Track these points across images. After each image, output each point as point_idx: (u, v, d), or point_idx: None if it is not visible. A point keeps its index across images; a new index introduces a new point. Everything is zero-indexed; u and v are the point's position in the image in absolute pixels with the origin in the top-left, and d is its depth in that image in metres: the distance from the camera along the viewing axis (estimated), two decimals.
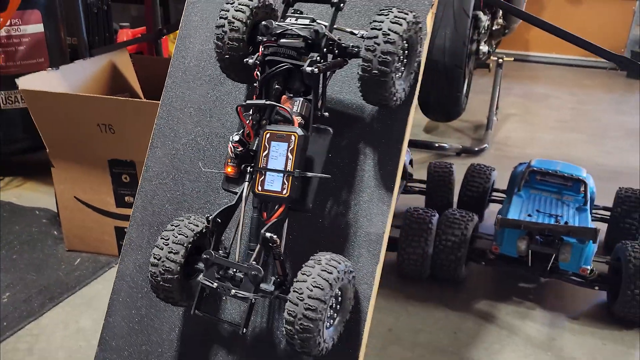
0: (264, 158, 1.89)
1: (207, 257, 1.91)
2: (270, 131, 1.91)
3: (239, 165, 1.95)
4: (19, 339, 3.10)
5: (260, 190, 1.90)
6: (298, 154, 1.84)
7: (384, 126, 2.24)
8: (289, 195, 1.85)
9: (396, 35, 1.89)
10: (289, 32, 2.00)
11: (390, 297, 3.53)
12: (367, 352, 3.04)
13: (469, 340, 3.18)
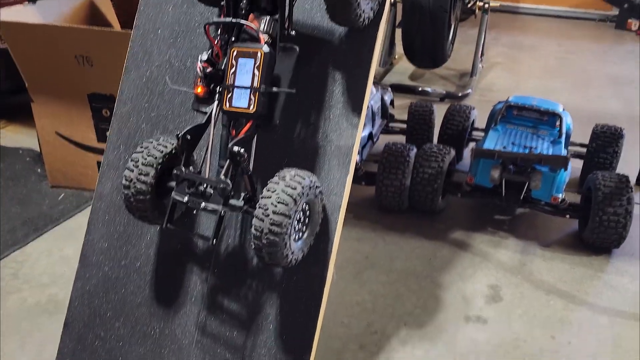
0: (232, 75, 1.92)
1: (177, 173, 1.96)
2: (237, 48, 1.93)
3: (208, 85, 1.97)
4: (4, 264, 3.18)
5: (228, 107, 1.93)
6: (264, 70, 1.87)
7: (353, 47, 2.27)
8: (256, 110, 1.88)
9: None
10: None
11: (368, 228, 3.62)
12: (343, 276, 3.16)
13: (443, 266, 3.28)
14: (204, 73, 1.95)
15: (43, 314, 2.82)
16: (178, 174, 1.94)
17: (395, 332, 2.77)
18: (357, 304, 2.96)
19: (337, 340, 2.71)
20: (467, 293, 3.06)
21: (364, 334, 2.76)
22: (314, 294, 2.16)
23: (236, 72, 1.90)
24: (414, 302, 2.98)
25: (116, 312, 2.43)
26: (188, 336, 2.32)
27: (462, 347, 2.69)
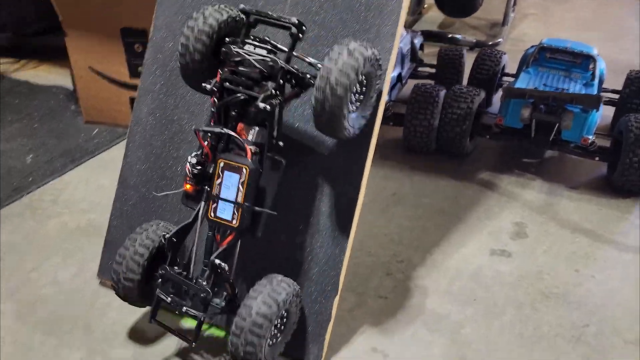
0: (218, 186, 1.95)
1: (163, 273, 2.06)
2: (224, 160, 1.95)
3: (197, 184, 2.02)
4: (44, 192, 3.31)
5: (212, 217, 1.97)
6: (249, 187, 1.90)
7: None
8: (239, 225, 1.93)
9: (351, 70, 1.81)
10: (247, 62, 1.98)
11: (395, 168, 3.65)
12: (370, 211, 3.22)
13: (468, 204, 3.32)
14: (192, 173, 1.99)
15: (83, 237, 2.95)
16: (163, 273, 2.06)
17: (421, 261, 2.84)
18: (384, 235, 3.03)
19: (364, 267, 2.79)
20: (492, 229, 3.10)
21: (391, 262, 2.83)
22: (345, 214, 2.23)
23: (222, 183, 1.94)
24: (439, 236, 3.03)
25: None
26: None
27: (487, 278, 2.75)
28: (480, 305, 2.58)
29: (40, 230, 2.98)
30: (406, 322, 2.48)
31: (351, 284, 2.66)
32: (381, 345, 2.36)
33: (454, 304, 2.58)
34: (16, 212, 3.12)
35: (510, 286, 2.70)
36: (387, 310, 2.53)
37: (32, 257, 2.78)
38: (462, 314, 2.53)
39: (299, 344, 2.25)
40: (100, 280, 2.62)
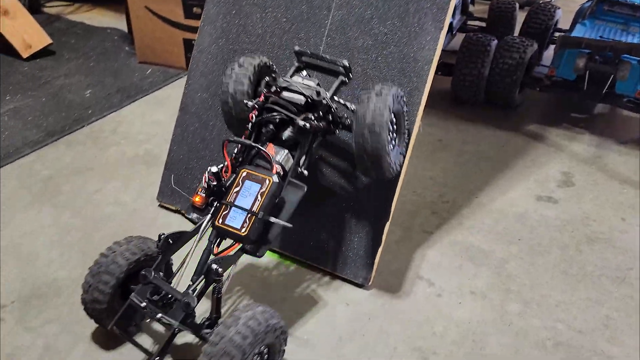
0: (234, 194, 1.87)
1: (145, 275, 1.84)
2: (247, 170, 1.90)
3: (207, 197, 1.91)
4: (104, 123, 3.46)
5: (220, 224, 1.85)
6: (268, 198, 1.82)
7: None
8: (247, 235, 1.80)
9: (384, 107, 1.88)
10: (293, 88, 2.03)
11: (441, 117, 3.68)
12: (416, 155, 3.27)
13: (515, 152, 3.33)
14: (207, 184, 1.91)
15: (141, 164, 3.09)
16: (146, 275, 1.84)
17: (466, 203, 2.89)
18: (430, 178, 3.08)
19: (411, 205, 2.86)
20: (539, 177, 3.11)
21: (436, 202, 2.89)
22: None
23: (240, 192, 1.87)
24: (485, 180, 3.07)
25: (212, 155, 2.63)
26: None
27: (532, 220, 2.79)
28: (524, 244, 2.63)
29: (102, 157, 3.13)
30: (451, 255, 2.55)
31: (398, 220, 2.74)
32: (427, 274, 2.44)
33: (499, 243, 2.64)
34: (79, 140, 3.28)
35: (556, 229, 2.73)
36: (433, 244, 2.61)
37: (95, 180, 2.94)
38: (506, 251, 2.59)
39: (349, 266, 2.35)
40: (159, 202, 2.76)
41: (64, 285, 2.30)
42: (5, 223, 2.62)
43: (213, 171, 1.90)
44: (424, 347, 2.11)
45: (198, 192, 1.92)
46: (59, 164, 3.06)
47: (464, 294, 2.35)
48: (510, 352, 2.10)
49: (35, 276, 2.34)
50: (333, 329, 2.15)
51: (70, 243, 2.52)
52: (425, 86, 2.26)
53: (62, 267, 2.39)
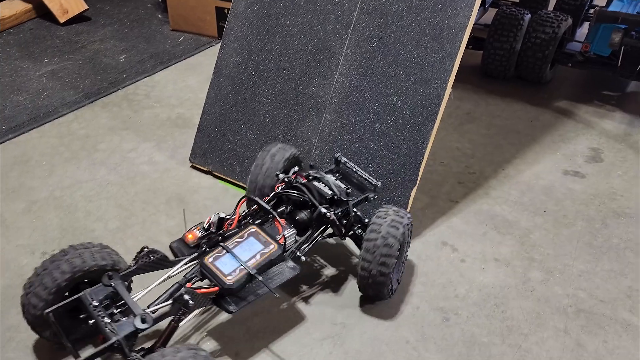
0: (235, 242, 1.89)
1: (111, 276, 1.75)
2: (257, 228, 1.94)
3: (201, 238, 1.90)
4: (138, 87, 3.54)
5: (208, 262, 1.83)
6: (266, 260, 1.85)
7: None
8: (231, 284, 1.77)
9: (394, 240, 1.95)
10: (324, 181, 2.12)
11: (470, 90, 3.67)
12: (444, 127, 3.28)
13: (544, 127, 3.32)
14: (207, 226, 1.92)
15: (174, 127, 3.17)
16: (111, 276, 1.74)
17: (493, 174, 2.91)
18: (457, 149, 3.10)
19: (437, 175, 2.89)
20: (567, 152, 3.11)
21: (463, 173, 2.92)
22: (430, 109, 2.32)
23: (241, 243, 1.89)
24: (512, 153, 3.08)
25: (245, 118, 2.70)
26: (308, 143, 2.57)
27: (558, 193, 2.80)
28: (549, 216, 2.65)
29: (136, 119, 3.22)
30: (476, 223, 2.58)
31: (424, 188, 2.77)
32: (451, 240, 2.48)
33: (524, 213, 2.66)
34: (115, 102, 3.37)
35: (582, 202, 2.74)
36: (458, 213, 2.64)
37: (130, 140, 3.03)
38: (531, 221, 2.61)
39: None
40: (191, 163, 2.85)
41: (101, 235, 2.40)
42: (46, 177, 2.74)
43: (220, 216, 1.93)
44: (446, 307, 2.16)
45: (193, 230, 1.92)
46: (96, 124, 3.16)
47: (487, 260, 2.39)
48: (532, 316, 2.14)
49: (74, 227, 2.45)
50: (356, 288, 2.22)
51: (107, 197, 2.63)
52: (458, 53, 2.27)
53: (100, 219, 2.49)
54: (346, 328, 2.05)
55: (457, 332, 2.06)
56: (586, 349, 2.02)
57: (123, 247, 2.33)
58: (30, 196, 2.61)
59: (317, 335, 2.02)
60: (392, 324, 2.08)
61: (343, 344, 1.99)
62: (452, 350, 1.99)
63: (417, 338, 2.03)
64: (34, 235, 2.39)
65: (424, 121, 2.32)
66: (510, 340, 2.04)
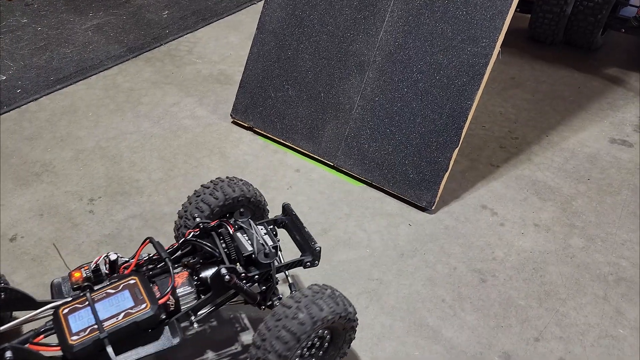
0: (104, 294, 1.53)
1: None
2: (137, 280, 1.56)
3: (87, 279, 1.59)
4: (180, 43, 3.57)
5: (62, 314, 1.48)
6: (128, 323, 1.46)
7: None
8: (72, 346, 1.40)
9: None
10: (248, 234, 1.69)
11: (515, 55, 3.57)
12: (487, 91, 3.21)
13: (592, 94, 3.22)
14: (95, 267, 1.61)
15: (215, 83, 3.19)
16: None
17: (536, 140, 2.85)
18: (500, 113, 3.04)
19: (478, 139, 2.85)
20: (615, 120, 3.01)
21: (505, 137, 2.87)
22: (477, 69, 2.27)
23: (111, 296, 1.52)
24: (557, 119, 3.00)
25: (287, 75, 2.70)
26: (349, 101, 2.56)
27: (604, 161, 2.73)
28: (593, 184, 2.59)
29: (178, 74, 3.26)
30: (516, 188, 2.55)
31: (464, 151, 2.74)
32: (491, 204, 2.46)
33: (567, 180, 2.61)
34: (158, 57, 3.41)
35: (629, 171, 2.67)
36: (499, 177, 2.61)
37: (172, 95, 3.07)
38: (574, 189, 2.56)
39: (414, 189, 2.40)
40: (232, 119, 2.87)
41: (144, 185, 2.47)
42: (92, 127, 2.81)
43: (111, 258, 1.62)
44: (484, 269, 2.16)
45: (82, 268, 1.61)
46: (139, 78, 3.21)
47: (527, 225, 2.36)
48: (570, 282, 2.12)
49: (119, 176, 2.52)
50: (395, 245, 2.23)
51: (150, 149, 2.68)
52: (509, 11, 2.20)
53: (143, 170, 2.56)
54: (382, 284, 2.07)
55: (493, 294, 2.06)
56: (626, 316, 2.00)
57: (166, 197, 2.39)
58: (78, 145, 2.68)
59: (354, 290, 2.05)
60: (429, 283, 2.09)
61: (379, 299, 2.02)
62: (488, 310, 2.00)
63: (454, 297, 2.04)
64: (81, 183, 2.47)
65: (470, 81, 2.27)
66: (547, 304, 2.03)
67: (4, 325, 1.55)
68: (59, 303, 1.53)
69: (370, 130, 2.49)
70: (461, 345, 1.87)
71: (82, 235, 2.20)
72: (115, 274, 1.62)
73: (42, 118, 2.85)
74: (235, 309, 1.94)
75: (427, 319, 1.95)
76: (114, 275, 1.62)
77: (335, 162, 2.58)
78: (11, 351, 1.38)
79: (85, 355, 1.42)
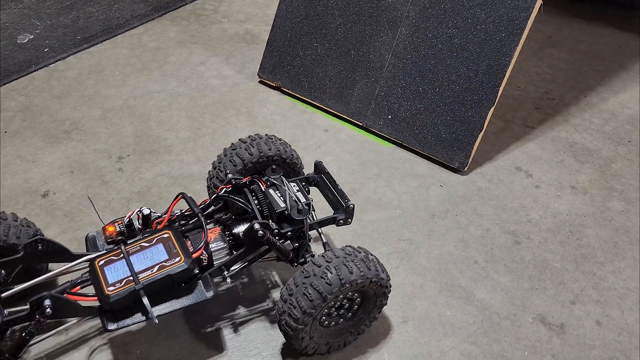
0: (138, 247, 1.53)
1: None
2: (171, 234, 1.56)
3: (121, 234, 1.58)
4: (205, 2, 3.50)
5: (98, 265, 1.49)
6: (163, 275, 1.46)
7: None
8: (109, 296, 1.42)
9: None
10: (280, 191, 1.65)
11: (553, 13, 3.42)
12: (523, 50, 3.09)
13: (633, 54, 3.07)
14: (129, 222, 1.60)
15: (242, 42, 3.14)
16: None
17: (573, 101, 2.74)
18: (536, 74, 2.93)
19: (513, 99, 2.75)
20: None
21: (541, 98, 2.76)
22: (517, 23, 2.16)
23: (145, 249, 1.52)
24: (597, 80, 2.88)
25: (316, 32, 2.62)
26: (381, 60, 2.48)
27: None
28: (634, 146, 2.49)
29: (204, 33, 3.20)
30: (553, 150, 2.46)
31: (498, 112, 2.65)
32: (525, 166, 2.39)
33: (606, 142, 2.51)
34: (183, 16, 3.35)
35: None
36: (534, 138, 2.53)
37: (199, 54, 3.03)
38: (614, 151, 2.46)
39: (447, 149, 2.34)
40: (259, 78, 2.82)
41: (172, 144, 2.45)
42: (119, 86, 2.79)
43: (144, 213, 1.61)
44: (518, 231, 2.11)
45: (115, 223, 1.61)
46: (165, 37, 3.16)
47: (563, 187, 2.29)
48: (608, 245, 2.06)
49: (147, 135, 2.51)
50: (427, 206, 2.19)
51: (178, 108, 2.66)
52: None
53: (171, 129, 2.54)
54: (413, 244, 2.04)
55: (528, 256, 2.01)
56: None
57: (194, 156, 2.38)
58: (106, 104, 2.67)
59: (384, 250, 2.02)
60: (461, 244, 2.05)
61: (410, 259, 1.99)
62: (522, 272, 1.95)
63: (486, 259, 2.00)
64: (110, 141, 2.46)
65: (509, 36, 2.17)
66: (584, 268, 1.98)
67: (41, 276, 1.58)
68: (94, 255, 1.53)
69: (401, 89, 2.42)
70: (494, 307, 1.84)
71: (112, 192, 2.20)
72: (148, 229, 1.61)
73: (70, 77, 2.84)
74: (267, 266, 1.93)
75: (459, 280, 1.92)
76: (147, 230, 1.61)
77: (365, 122, 2.53)
78: (50, 299, 1.41)
79: (122, 305, 1.45)
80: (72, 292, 1.49)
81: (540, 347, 1.73)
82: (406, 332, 1.76)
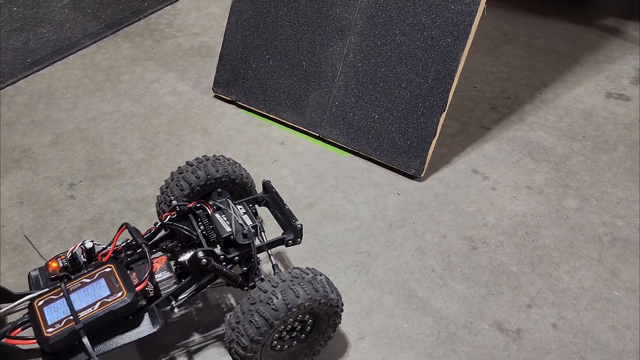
0: (80, 284, 1.47)
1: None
2: (114, 267, 1.50)
3: (64, 269, 1.53)
4: (160, 16, 3.45)
5: (37, 306, 1.43)
6: (104, 313, 1.41)
7: None
8: (48, 338, 1.36)
9: None
10: (226, 214, 1.63)
11: (508, 9, 3.43)
12: (478, 49, 3.10)
13: (588, 47, 3.10)
14: (72, 256, 1.54)
15: (197, 56, 3.10)
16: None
17: (529, 99, 2.75)
18: (492, 73, 2.94)
19: (469, 100, 2.76)
20: (611, 73, 2.90)
21: (497, 98, 2.77)
22: (462, 28, 2.16)
23: (86, 286, 1.47)
24: (552, 76, 2.89)
25: (267, 45, 2.60)
26: (332, 69, 2.46)
27: (600, 118, 2.63)
28: (589, 142, 2.51)
29: (158, 49, 3.16)
30: (509, 150, 2.47)
31: (454, 114, 2.65)
32: (482, 168, 2.39)
33: (561, 139, 2.52)
34: (137, 32, 3.31)
35: (625, 127, 2.58)
36: (490, 139, 2.53)
37: (153, 71, 2.99)
38: (568, 147, 2.48)
39: (402, 156, 2.33)
40: (214, 93, 2.79)
41: (126, 167, 2.41)
42: (71, 109, 2.74)
43: (87, 247, 1.56)
44: (474, 236, 2.11)
45: (58, 258, 1.55)
46: (118, 55, 3.11)
47: (519, 188, 2.30)
48: (564, 245, 2.07)
49: (100, 159, 2.46)
50: (384, 216, 2.18)
51: (131, 129, 2.62)
52: None
53: (124, 151, 2.50)
54: (370, 256, 2.03)
55: (484, 261, 2.01)
56: (620, 277, 1.95)
57: (148, 178, 2.34)
58: (57, 129, 2.62)
59: (341, 264, 2.01)
60: (418, 253, 2.04)
61: (367, 272, 1.98)
62: (478, 278, 1.95)
63: (443, 267, 2.00)
64: (61, 167, 2.41)
65: (455, 41, 2.17)
66: (540, 270, 1.98)
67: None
68: (34, 295, 1.47)
69: (354, 98, 2.40)
70: (451, 316, 1.83)
71: (63, 222, 2.16)
72: (93, 262, 1.56)
73: (19, 102, 2.78)
74: (222, 289, 1.90)
75: (416, 290, 1.91)
76: (92, 263, 1.56)
77: (321, 133, 2.51)
78: None
79: (63, 346, 1.39)
80: (12, 335, 1.42)
81: (497, 355, 1.73)
82: (363, 348, 1.74)
